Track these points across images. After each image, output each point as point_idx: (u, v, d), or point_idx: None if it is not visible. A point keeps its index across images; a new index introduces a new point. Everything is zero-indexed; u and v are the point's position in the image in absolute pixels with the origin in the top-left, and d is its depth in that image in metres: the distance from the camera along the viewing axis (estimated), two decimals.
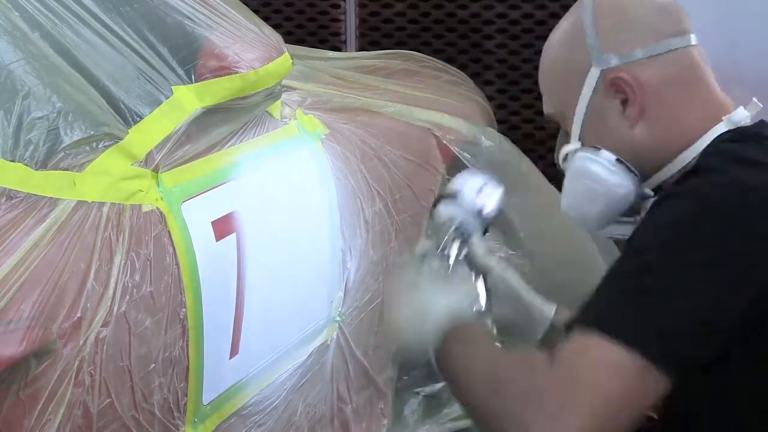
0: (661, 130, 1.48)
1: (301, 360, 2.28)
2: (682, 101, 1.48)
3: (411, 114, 2.80)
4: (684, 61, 1.50)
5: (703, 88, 1.51)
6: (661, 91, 1.48)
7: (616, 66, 1.49)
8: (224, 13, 2.11)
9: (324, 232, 2.33)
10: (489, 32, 4.44)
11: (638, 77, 1.48)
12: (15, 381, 1.53)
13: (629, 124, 1.48)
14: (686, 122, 1.47)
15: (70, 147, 1.75)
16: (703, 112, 1.48)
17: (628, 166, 1.49)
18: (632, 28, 1.50)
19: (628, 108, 1.48)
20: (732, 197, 1.30)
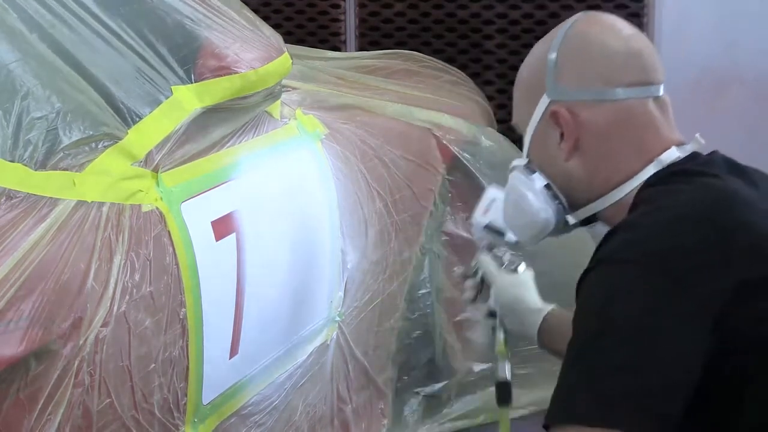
0: (593, 167, 1.53)
1: (300, 360, 2.28)
2: (618, 146, 1.52)
3: (411, 114, 2.80)
4: (631, 111, 1.53)
5: (644, 134, 1.53)
6: (599, 134, 1.52)
7: (561, 100, 1.54)
8: (224, 13, 2.11)
9: (324, 232, 2.33)
10: (489, 32, 4.45)
11: (578, 116, 1.52)
12: (15, 381, 1.53)
13: (564, 157, 1.54)
14: (618, 164, 1.52)
15: (70, 147, 1.75)
16: (636, 155, 1.51)
17: (556, 194, 1.57)
18: (588, 69, 1.54)
19: (563, 141, 1.54)
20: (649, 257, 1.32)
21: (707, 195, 1.41)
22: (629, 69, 1.54)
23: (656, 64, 1.58)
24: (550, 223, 1.59)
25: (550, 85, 1.56)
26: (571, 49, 1.56)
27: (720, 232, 1.33)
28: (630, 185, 1.50)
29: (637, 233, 1.36)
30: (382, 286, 2.57)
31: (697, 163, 1.50)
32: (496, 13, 4.42)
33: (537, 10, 4.37)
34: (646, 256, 1.32)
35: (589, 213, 1.57)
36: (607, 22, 1.62)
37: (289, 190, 2.23)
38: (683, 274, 1.29)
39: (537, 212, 1.58)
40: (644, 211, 1.41)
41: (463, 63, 4.32)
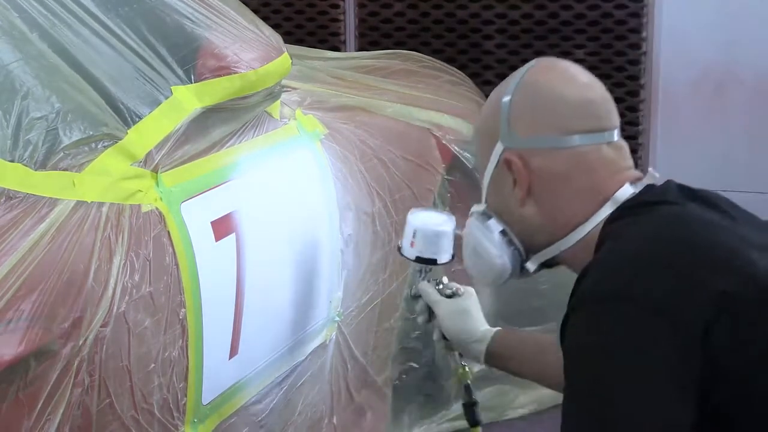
0: (547, 212, 1.55)
1: (300, 360, 2.28)
2: (571, 190, 1.53)
3: (410, 114, 2.80)
4: (585, 157, 1.54)
5: (598, 177, 1.54)
6: (552, 181, 1.54)
7: (514, 147, 1.55)
8: (224, 13, 2.11)
9: (323, 232, 2.33)
10: (488, 32, 4.44)
11: (531, 163, 1.54)
12: (14, 381, 1.53)
13: (518, 203, 1.56)
14: (573, 207, 1.53)
15: (70, 147, 1.75)
16: (591, 197, 1.53)
17: (512, 239, 1.60)
18: (540, 118, 1.55)
19: (516, 188, 1.56)
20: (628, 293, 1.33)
21: (672, 221, 1.43)
22: (582, 117, 1.54)
23: (610, 110, 1.58)
24: (506, 269, 1.61)
25: (504, 132, 1.57)
26: (524, 97, 1.57)
27: (691, 254, 1.35)
28: (588, 226, 1.52)
29: (610, 270, 1.37)
30: (382, 287, 2.57)
31: (653, 194, 1.51)
32: (495, 13, 4.42)
33: (536, 10, 4.37)
34: (624, 291, 1.32)
35: (549, 256, 1.58)
36: (560, 69, 1.63)
37: (288, 191, 2.23)
38: (664, 303, 1.30)
39: (493, 258, 1.61)
40: (613, 247, 1.42)
41: (462, 63, 4.32)
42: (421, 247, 2.03)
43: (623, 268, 1.36)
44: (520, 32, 4.40)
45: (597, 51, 4.33)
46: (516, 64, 4.50)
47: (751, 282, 1.32)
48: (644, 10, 4.28)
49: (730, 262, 1.34)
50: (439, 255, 2.04)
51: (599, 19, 4.31)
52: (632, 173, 1.56)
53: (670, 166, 4.74)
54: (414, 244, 2.04)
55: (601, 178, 1.53)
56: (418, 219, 2.07)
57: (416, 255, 2.04)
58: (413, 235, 2.04)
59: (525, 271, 1.63)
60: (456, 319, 1.94)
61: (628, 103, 4.35)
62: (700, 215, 1.45)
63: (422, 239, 2.03)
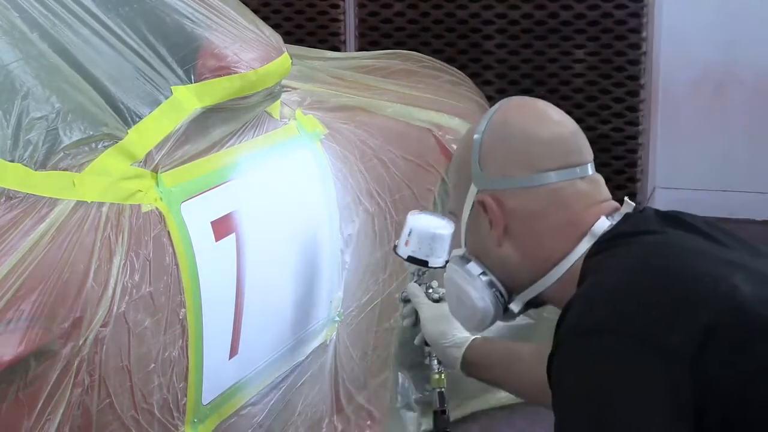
0: (525, 251, 1.55)
1: (300, 360, 2.28)
2: (548, 227, 1.53)
3: (410, 114, 2.80)
4: (559, 194, 1.53)
5: (573, 212, 1.53)
6: (527, 219, 1.54)
7: (488, 189, 1.55)
8: (224, 13, 2.11)
9: (323, 232, 2.33)
10: (488, 32, 4.44)
11: (505, 204, 1.54)
12: (14, 381, 1.53)
13: (495, 244, 1.56)
14: (551, 244, 1.53)
15: (70, 147, 1.75)
16: (568, 232, 1.52)
17: (493, 281, 1.59)
18: (511, 158, 1.55)
19: (492, 229, 1.55)
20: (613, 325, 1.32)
21: (652, 251, 1.42)
22: (554, 154, 1.54)
23: (582, 145, 1.58)
24: (489, 311, 1.60)
25: (476, 174, 1.57)
26: (494, 137, 1.57)
27: (673, 284, 1.34)
28: (568, 262, 1.51)
29: (592, 304, 1.36)
30: (382, 287, 2.57)
31: (631, 223, 1.50)
32: (495, 13, 4.42)
33: (536, 10, 4.37)
34: (608, 324, 1.32)
35: (532, 295, 1.57)
36: (529, 107, 1.62)
37: (288, 191, 2.23)
38: (649, 334, 1.29)
39: (474, 301, 1.60)
40: (594, 281, 1.41)
41: (462, 63, 4.32)
42: (415, 246, 2.04)
43: (605, 301, 1.35)
44: (520, 32, 4.40)
45: (597, 51, 4.33)
46: (516, 64, 4.52)
47: (735, 309, 1.31)
48: (644, 10, 4.28)
49: (714, 290, 1.32)
50: (431, 257, 2.04)
51: (599, 19, 4.31)
52: (608, 205, 1.55)
53: (670, 166, 4.74)
54: (408, 243, 2.04)
55: (577, 213, 1.52)
56: (417, 220, 2.07)
57: (408, 254, 2.05)
58: (408, 234, 2.05)
59: (510, 313, 1.61)
60: (437, 323, 1.93)
61: (628, 103, 4.34)
62: (681, 242, 1.44)
63: (417, 239, 2.04)
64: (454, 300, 1.66)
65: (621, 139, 4.37)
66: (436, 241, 2.04)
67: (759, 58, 4.57)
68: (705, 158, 4.73)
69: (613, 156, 4.37)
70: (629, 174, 4.40)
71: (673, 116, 4.71)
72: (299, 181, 2.28)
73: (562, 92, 4.40)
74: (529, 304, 1.60)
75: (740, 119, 4.67)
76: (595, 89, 4.37)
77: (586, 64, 4.35)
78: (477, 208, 1.57)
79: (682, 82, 4.67)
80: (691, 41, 4.62)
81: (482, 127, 1.59)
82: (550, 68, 4.40)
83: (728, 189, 4.70)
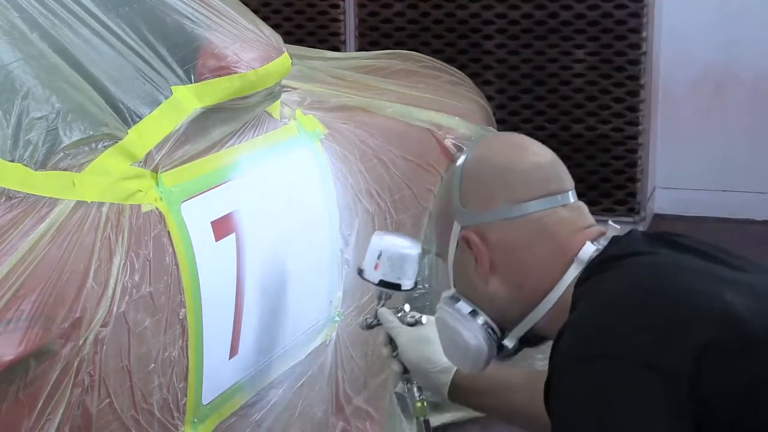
0: (513, 284, 1.53)
1: (300, 360, 2.28)
2: (533, 257, 1.52)
3: (410, 114, 2.80)
4: (542, 222, 1.52)
5: (558, 240, 1.52)
6: (512, 251, 1.52)
7: (471, 225, 1.54)
8: (224, 13, 2.11)
9: (323, 232, 2.33)
10: (488, 32, 4.45)
11: (489, 238, 1.53)
12: (14, 381, 1.53)
13: (483, 280, 1.54)
14: (539, 274, 1.51)
15: (70, 147, 1.75)
16: (555, 260, 1.51)
17: (484, 319, 1.56)
18: (490, 191, 1.54)
19: (477, 265, 1.54)
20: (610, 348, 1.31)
21: (643, 272, 1.41)
22: (532, 184, 1.53)
23: (561, 174, 1.57)
24: (482, 349, 1.57)
25: (458, 211, 1.56)
26: (472, 172, 1.56)
27: (666, 305, 1.33)
28: (558, 290, 1.50)
29: (586, 328, 1.35)
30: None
31: (620, 246, 1.49)
32: (495, 13, 4.42)
33: (536, 10, 4.37)
34: (604, 348, 1.31)
35: (525, 329, 1.55)
36: (505, 140, 1.63)
37: (288, 191, 2.23)
38: (644, 356, 1.28)
39: (467, 340, 1.57)
40: (588, 305, 1.40)
41: (462, 63, 4.32)
42: (386, 270, 1.94)
43: (599, 325, 1.34)
44: (520, 32, 4.40)
45: (597, 51, 4.34)
46: (516, 64, 4.53)
47: (729, 324, 1.30)
48: (644, 10, 4.28)
49: (707, 308, 1.32)
50: (403, 280, 1.95)
51: (599, 19, 4.31)
52: (593, 230, 1.54)
53: (670, 166, 4.74)
54: (378, 266, 1.94)
55: (562, 241, 1.51)
56: (384, 241, 1.97)
57: (380, 278, 1.94)
58: (378, 257, 1.95)
59: (505, 350, 1.58)
60: (418, 348, 1.85)
61: (628, 103, 4.35)
62: (672, 261, 1.44)
63: (387, 262, 1.94)
64: (447, 342, 1.63)
65: (621, 139, 4.37)
66: (407, 262, 1.95)
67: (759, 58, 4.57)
68: (705, 158, 4.73)
69: (613, 156, 4.37)
70: (629, 174, 4.40)
71: (673, 116, 4.71)
72: (299, 181, 2.28)
73: (562, 92, 4.40)
74: (523, 340, 1.58)
75: (740, 119, 4.67)
76: (595, 89, 4.37)
77: (586, 64, 4.36)
78: (461, 246, 1.56)
79: (682, 82, 4.67)
80: (691, 41, 4.62)
81: (461, 164, 1.59)
82: (550, 68, 4.40)
83: (728, 189, 4.71)
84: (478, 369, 1.62)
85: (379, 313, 1.92)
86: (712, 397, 1.26)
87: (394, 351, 1.89)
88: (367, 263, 1.96)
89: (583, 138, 4.36)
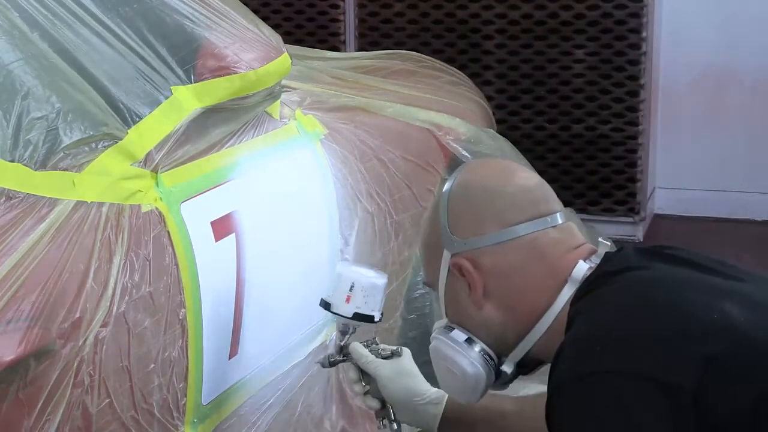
0: (507, 308, 1.52)
1: (300, 360, 2.28)
2: (526, 280, 1.51)
3: (410, 114, 2.80)
4: (532, 244, 1.52)
5: (550, 261, 1.51)
6: (505, 276, 1.51)
7: (461, 252, 1.53)
8: (223, 14, 2.11)
9: (323, 233, 2.33)
10: (488, 32, 4.45)
11: (480, 263, 1.52)
12: (14, 381, 1.53)
13: (476, 307, 1.53)
14: (532, 296, 1.50)
15: (70, 147, 1.75)
16: (548, 281, 1.50)
17: (480, 346, 1.54)
18: (478, 217, 1.53)
19: (471, 292, 1.53)
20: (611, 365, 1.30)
21: (641, 287, 1.40)
22: (520, 206, 1.53)
23: (548, 196, 1.56)
24: (481, 375, 1.55)
25: (447, 239, 1.55)
26: (459, 199, 1.56)
27: (666, 319, 1.32)
28: (553, 312, 1.49)
29: (585, 345, 1.34)
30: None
31: (614, 263, 1.48)
32: (495, 14, 4.42)
33: (536, 11, 4.37)
34: (603, 365, 1.30)
35: (522, 353, 1.54)
36: (490, 165, 1.64)
37: (288, 191, 2.23)
38: (645, 371, 1.27)
39: (464, 368, 1.55)
40: (585, 322, 1.39)
41: (462, 63, 4.32)
42: (359, 302, 1.84)
43: (598, 342, 1.33)
44: (520, 32, 4.41)
45: (597, 51, 4.34)
46: (516, 64, 4.53)
47: (731, 336, 1.30)
48: (644, 10, 4.28)
49: (707, 320, 1.32)
50: (375, 312, 1.86)
51: (599, 20, 4.31)
52: (584, 249, 1.53)
53: (670, 166, 4.75)
54: (350, 299, 1.85)
55: (554, 261, 1.51)
56: (353, 272, 1.88)
57: (354, 311, 1.84)
58: (350, 289, 1.85)
59: (504, 375, 1.57)
60: (401, 382, 1.78)
61: (628, 104, 4.35)
62: (669, 275, 1.43)
63: (361, 293, 1.84)
64: (443, 372, 1.60)
65: (621, 140, 4.37)
66: (379, 292, 1.87)
67: (759, 59, 4.57)
68: (705, 158, 4.73)
69: (613, 156, 4.37)
70: (629, 174, 4.40)
71: (673, 116, 4.71)
72: (299, 182, 2.28)
73: (561, 92, 4.40)
74: (520, 365, 1.56)
75: (740, 119, 4.67)
76: (595, 89, 4.37)
77: (586, 65, 4.36)
78: (453, 274, 1.55)
79: (682, 82, 4.67)
80: (691, 41, 4.62)
81: (447, 191, 1.58)
82: (549, 68, 4.40)
83: (728, 189, 4.71)
84: (475, 398, 1.60)
85: (351, 348, 1.84)
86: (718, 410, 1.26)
87: (366, 388, 1.82)
88: (336, 296, 1.86)
89: (583, 138, 4.36)
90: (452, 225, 1.55)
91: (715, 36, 4.60)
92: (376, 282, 1.87)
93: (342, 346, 1.86)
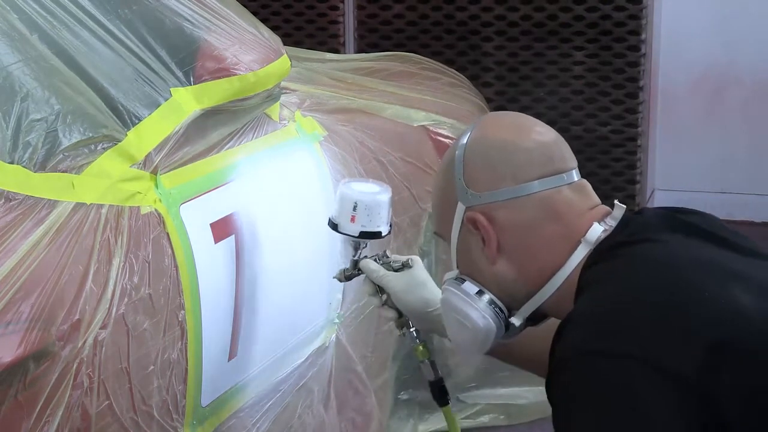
0: (520, 264, 1.52)
1: (299, 362, 2.28)
2: (540, 238, 1.51)
3: (409, 116, 2.80)
4: (547, 201, 1.52)
5: (564, 220, 1.51)
6: (519, 232, 1.51)
7: (475, 205, 1.53)
8: (223, 15, 2.11)
9: (323, 234, 2.32)
10: (487, 34, 4.45)
11: (495, 218, 1.52)
12: (13, 383, 1.53)
13: (489, 261, 1.53)
14: (546, 254, 1.51)
15: (69, 149, 1.75)
16: (562, 241, 1.50)
17: (491, 298, 1.55)
18: (494, 171, 1.53)
19: (485, 246, 1.53)
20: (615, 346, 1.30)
21: (651, 266, 1.40)
22: (536, 162, 1.52)
23: (564, 152, 1.56)
24: (491, 328, 1.56)
25: (461, 193, 1.55)
26: (475, 153, 1.55)
27: (674, 303, 1.32)
28: (565, 271, 1.49)
29: (591, 324, 1.34)
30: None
31: (631, 231, 1.47)
32: (494, 16, 4.42)
33: (535, 12, 4.37)
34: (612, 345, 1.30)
35: (532, 309, 1.54)
36: (507, 119, 1.62)
37: (288, 192, 2.23)
38: (655, 355, 1.27)
39: (475, 320, 1.56)
40: (593, 298, 1.39)
41: (461, 65, 4.32)
42: (364, 220, 1.89)
43: (604, 321, 1.33)
44: (519, 34, 4.41)
45: (596, 53, 4.34)
46: (515, 66, 4.53)
47: (739, 325, 1.30)
48: (643, 12, 4.28)
49: (716, 307, 1.31)
50: (382, 227, 1.90)
51: (598, 21, 4.31)
52: (599, 210, 1.54)
53: (669, 168, 4.75)
54: (355, 218, 1.89)
55: (569, 222, 1.51)
56: (355, 191, 1.91)
57: (360, 230, 1.89)
58: (353, 209, 1.89)
59: (512, 328, 1.57)
60: (413, 292, 1.83)
61: (627, 105, 4.35)
62: (681, 252, 1.42)
63: (365, 212, 1.89)
64: (453, 323, 1.61)
65: (620, 141, 4.37)
66: (383, 208, 1.91)
67: (758, 60, 4.58)
68: (704, 160, 4.73)
69: (613, 158, 4.37)
70: (628, 176, 4.40)
71: (672, 118, 4.72)
72: (298, 183, 2.28)
73: (561, 94, 4.41)
74: (529, 319, 1.57)
75: (740, 120, 4.67)
76: (594, 91, 4.37)
77: (585, 66, 4.36)
78: (467, 227, 1.55)
79: (681, 84, 4.67)
80: (691, 42, 4.62)
81: (462, 144, 1.57)
82: (549, 70, 4.40)
83: (727, 191, 4.71)
84: (484, 350, 1.61)
85: (362, 265, 1.89)
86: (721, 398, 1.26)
87: (383, 299, 1.88)
88: (342, 216, 1.91)
89: (582, 140, 4.36)
90: (468, 178, 1.55)
91: (715, 38, 4.60)
92: (378, 198, 1.91)
93: (356, 260, 1.92)
